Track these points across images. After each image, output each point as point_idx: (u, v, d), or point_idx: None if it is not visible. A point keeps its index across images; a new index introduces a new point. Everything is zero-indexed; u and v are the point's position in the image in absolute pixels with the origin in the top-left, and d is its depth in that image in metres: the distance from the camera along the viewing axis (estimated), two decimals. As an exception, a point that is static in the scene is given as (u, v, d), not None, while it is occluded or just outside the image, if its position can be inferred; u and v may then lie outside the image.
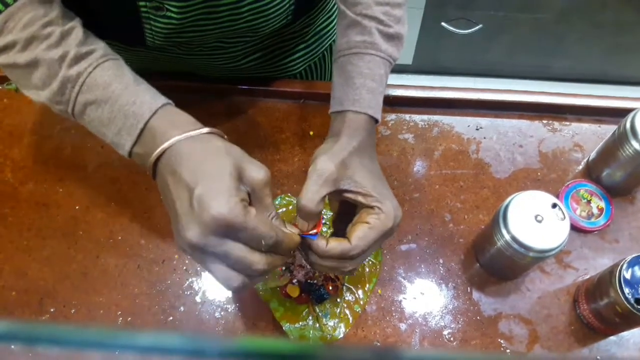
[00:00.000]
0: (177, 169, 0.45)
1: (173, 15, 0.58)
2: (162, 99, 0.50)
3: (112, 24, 0.61)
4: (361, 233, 0.49)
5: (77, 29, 0.51)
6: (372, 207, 0.50)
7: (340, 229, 0.54)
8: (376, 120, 0.56)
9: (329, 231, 0.63)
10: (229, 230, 0.42)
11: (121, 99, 0.48)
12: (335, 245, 0.49)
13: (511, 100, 0.77)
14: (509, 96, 0.77)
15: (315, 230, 0.49)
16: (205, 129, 0.47)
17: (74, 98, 0.49)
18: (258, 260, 0.44)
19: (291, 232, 0.48)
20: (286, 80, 0.79)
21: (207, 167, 0.44)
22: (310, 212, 0.48)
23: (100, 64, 0.50)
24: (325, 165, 0.49)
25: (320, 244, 0.49)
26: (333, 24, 0.80)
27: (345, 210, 0.54)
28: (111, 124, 0.49)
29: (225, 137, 0.49)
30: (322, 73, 0.87)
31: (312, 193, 0.48)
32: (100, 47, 0.52)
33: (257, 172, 0.45)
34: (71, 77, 0.49)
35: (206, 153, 0.45)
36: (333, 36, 0.82)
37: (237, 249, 0.43)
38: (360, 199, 0.50)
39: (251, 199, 0.46)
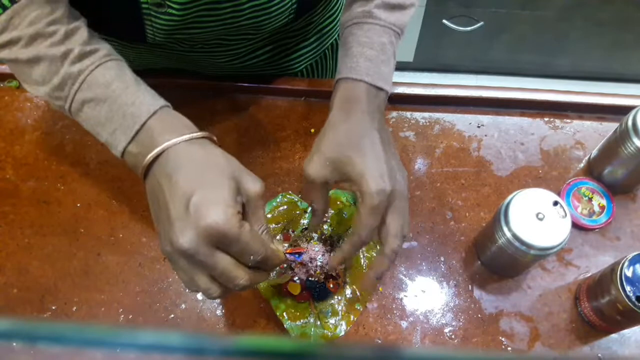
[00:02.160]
0: (173, 174, 0.45)
1: (174, 12, 0.58)
2: (161, 101, 0.50)
3: (112, 20, 0.61)
4: (356, 222, 0.51)
5: (81, 29, 0.51)
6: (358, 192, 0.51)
7: None
8: (380, 89, 0.55)
9: (330, 228, 0.64)
10: (221, 241, 0.43)
11: (120, 99, 0.49)
12: (345, 247, 0.52)
13: (512, 98, 0.77)
14: (511, 94, 0.77)
15: (298, 251, 0.52)
16: (200, 133, 0.48)
17: (73, 95, 0.50)
18: (242, 275, 0.45)
19: (277, 249, 0.49)
20: (287, 77, 0.79)
21: (206, 175, 0.44)
22: (322, 215, 0.54)
23: (102, 63, 0.50)
24: (312, 172, 0.52)
25: (331, 260, 0.54)
26: (335, 22, 0.80)
27: None
28: (107, 123, 0.49)
29: (215, 138, 0.50)
30: (324, 72, 0.86)
31: (316, 202, 0.53)
32: (104, 47, 0.52)
33: (253, 184, 0.46)
34: (72, 74, 0.49)
35: (205, 160, 0.46)
36: (335, 35, 0.82)
37: (225, 262, 0.44)
38: (347, 187, 0.53)
39: (245, 210, 0.46)
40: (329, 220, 0.65)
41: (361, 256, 0.64)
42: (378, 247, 0.66)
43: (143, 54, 0.71)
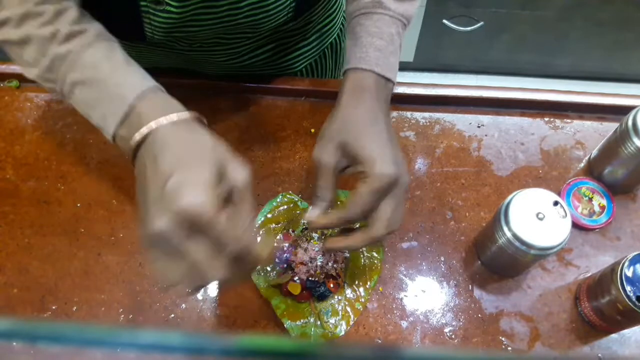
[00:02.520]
0: (157, 156, 0.42)
1: (172, 9, 0.58)
2: (150, 82, 0.48)
3: (111, 20, 0.61)
4: (353, 198, 0.50)
5: (71, 9, 0.50)
6: (362, 172, 0.51)
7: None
8: (388, 80, 0.55)
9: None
10: (196, 224, 0.39)
11: (109, 80, 0.47)
12: (330, 216, 0.52)
13: (513, 98, 0.77)
14: (511, 94, 0.77)
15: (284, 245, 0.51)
16: (188, 113, 0.46)
17: (63, 77, 0.49)
18: (217, 267, 0.40)
19: (260, 250, 0.42)
20: (287, 77, 0.79)
21: (189, 157, 0.42)
22: (328, 205, 0.52)
23: (91, 43, 0.49)
24: (323, 157, 0.52)
25: (322, 218, 0.52)
26: (334, 22, 0.80)
27: None
28: (97, 106, 0.48)
29: (205, 121, 0.48)
30: (324, 71, 0.86)
31: (324, 189, 0.52)
32: (94, 27, 0.50)
33: (239, 172, 0.43)
34: (61, 55, 0.48)
35: (190, 142, 0.44)
36: (334, 34, 0.82)
37: (200, 249, 0.39)
38: (354, 169, 0.52)
39: (230, 200, 0.43)
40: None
41: (361, 256, 0.64)
42: (381, 249, 0.66)
43: (143, 53, 0.71)
